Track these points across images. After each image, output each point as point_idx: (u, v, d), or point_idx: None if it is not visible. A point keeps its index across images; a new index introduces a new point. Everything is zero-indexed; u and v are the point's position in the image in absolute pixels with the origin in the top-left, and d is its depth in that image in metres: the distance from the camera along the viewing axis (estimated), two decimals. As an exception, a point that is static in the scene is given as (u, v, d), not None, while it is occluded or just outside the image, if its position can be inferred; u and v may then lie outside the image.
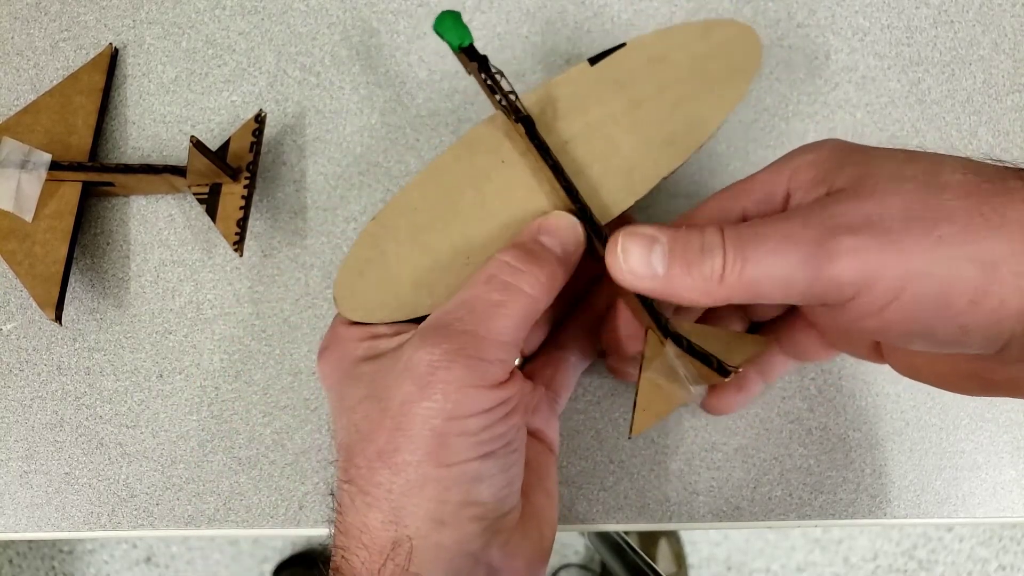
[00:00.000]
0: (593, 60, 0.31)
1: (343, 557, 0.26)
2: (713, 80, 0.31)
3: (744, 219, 0.28)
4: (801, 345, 0.32)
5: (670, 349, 0.28)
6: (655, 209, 0.37)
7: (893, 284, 0.22)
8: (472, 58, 0.29)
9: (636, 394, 0.29)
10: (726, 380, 0.28)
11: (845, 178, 0.24)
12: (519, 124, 0.30)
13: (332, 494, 0.28)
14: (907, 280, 0.22)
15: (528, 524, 0.28)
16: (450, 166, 0.31)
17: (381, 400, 0.26)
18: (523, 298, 0.26)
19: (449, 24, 0.28)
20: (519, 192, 0.30)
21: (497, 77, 0.29)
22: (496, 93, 0.29)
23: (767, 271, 0.23)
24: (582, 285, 0.33)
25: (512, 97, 0.30)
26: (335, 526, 0.27)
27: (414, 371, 0.25)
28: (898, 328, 0.23)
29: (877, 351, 0.30)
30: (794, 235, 0.23)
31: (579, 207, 0.29)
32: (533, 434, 0.31)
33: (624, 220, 0.29)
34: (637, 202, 0.30)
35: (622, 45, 0.32)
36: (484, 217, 0.30)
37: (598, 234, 0.28)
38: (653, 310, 0.28)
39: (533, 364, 0.33)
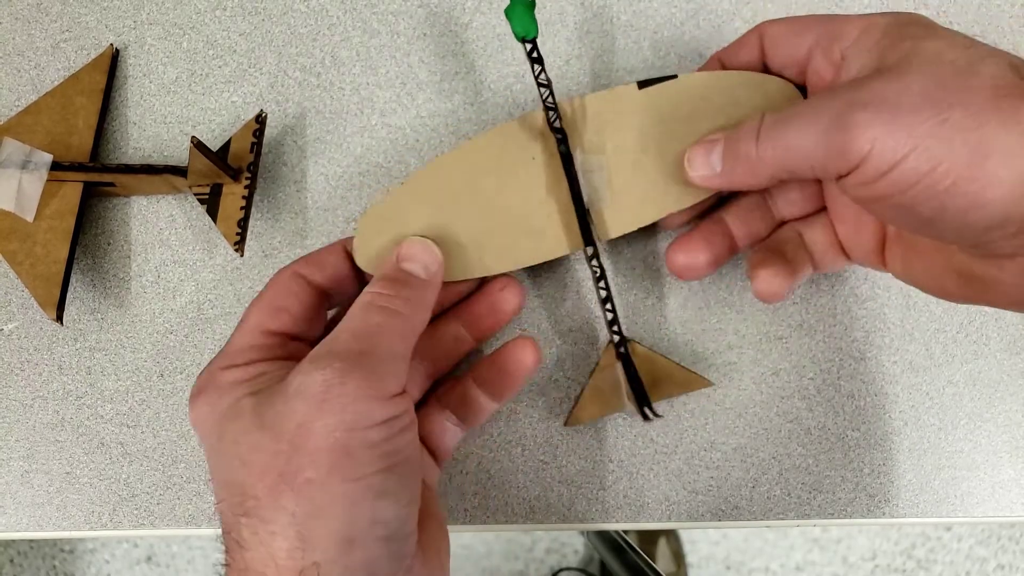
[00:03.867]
0: (642, 84, 0.32)
1: None
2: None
3: (808, 54, 0.30)
4: (820, 246, 0.33)
5: (618, 368, 0.33)
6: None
7: (891, 157, 0.24)
8: (534, 54, 0.30)
9: (580, 392, 0.34)
10: (644, 420, 0.34)
11: (896, 53, 0.26)
12: (553, 133, 0.31)
13: (220, 539, 0.26)
14: (904, 154, 0.24)
15: (428, 552, 0.28)
16: (482, 150, 0.32)
17: (272, 428, 0.25)
18: (399, 318, 0.28)
19: (519, 12, 0.29)
20: (536, 192, 0.32)
21: (546, 85, 0.31)
22: (544, 96, 0.31)
23: (795, 145, 0.26)
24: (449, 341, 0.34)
25: (553, 110, 0.31)
26: (230, 569, 0.26)
27: (307, 393, 0.25)
28: (887, 201, 0.25)
29: (880, 255, 0.31)
30: (819, 113, 0.26)
31: (582, 227, 0.32)
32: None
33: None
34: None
35: (673, 76, 0.32)
36: (497, 206, 0.32)
37: (593, 253, 0.32)
38: (618, 330, 0.33)
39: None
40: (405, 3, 0.39)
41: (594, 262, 0.32)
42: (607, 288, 0.33)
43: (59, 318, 0.34)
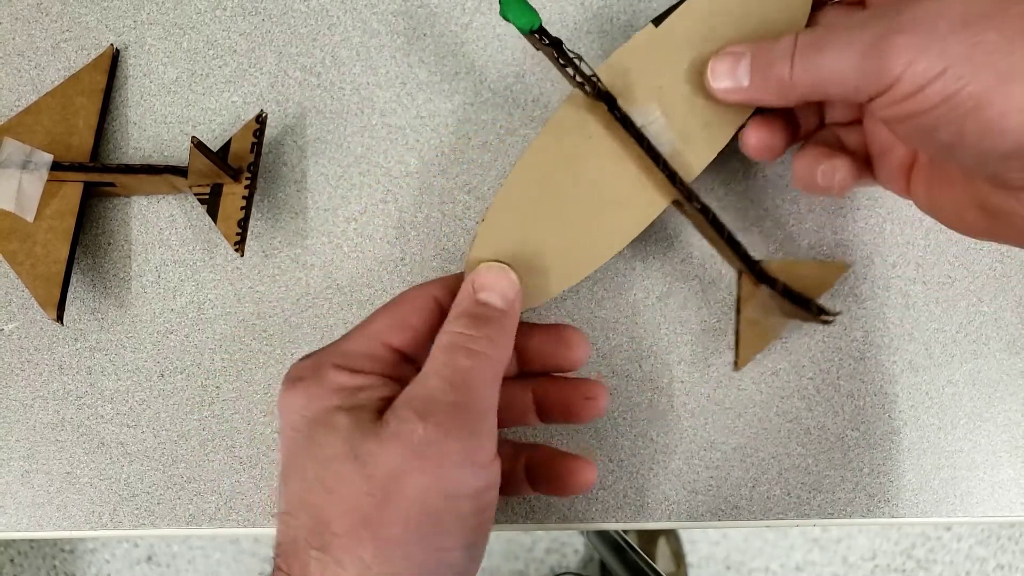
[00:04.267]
0: (656, 21, 0.32)
1: None
2: (771, 24, 0.31)
3: None
4: (855, 155, 0.32)
5: (764, 291, 0.32)
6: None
7: (921, 78, 0.24)
8: (546, 41, 0.29)
9: (737, 333, 0.34)
10: (824, 324, 0.33)
11: None
12: (600, 102, 0.31)
13: (275, 550, 0.25)
14: (934, 75, 0.24)
15: None
16: (541, 152, 0.32)
17: (364, 465, 0.24)
18: (485, 360, 0.26)
19: (516, 9, 0.28)
20: (609, 165, 0.32)
21: (576, 61, 0.30)
22: (574, 73, 0.30)
23: (831, 69, 0.26)
24: None
25: (594, 80, 0.30)
26: None
27: (405, 441, 0.24)
28: (910, 122, 0.25)
29: (906, 180, 0.31)
30: (856, 38, 0.25)
31: (667, 173, 0.31)
32: None
33: None
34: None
35: (681, 1, 0.32)
36: (582, 196, 0.31)
37: (688, 196, 0.31)
38: (746, 256, 0.32)
39: None
40: (405, 3, 0.39)
41: (694, 203, 0.31)
42: (719, 222, 0.32)
43: (59, 318, 0.34)
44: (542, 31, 0.29)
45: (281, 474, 0.27)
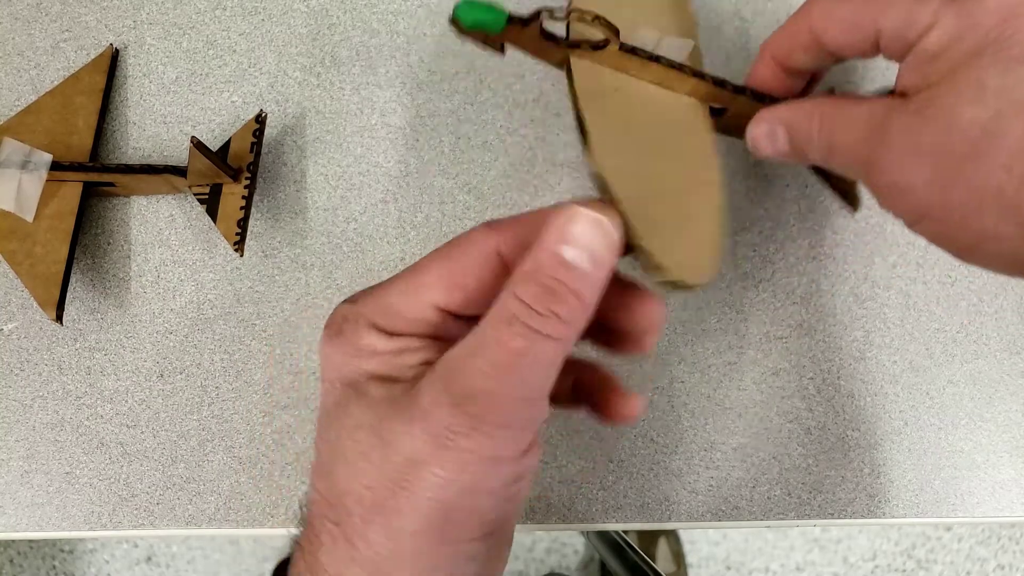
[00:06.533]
0: None
1: None
2: None
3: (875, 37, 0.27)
4: None
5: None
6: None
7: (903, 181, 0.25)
8: (525, 24, 0.27)
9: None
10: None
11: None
12: (603, 49, 0.29)
13: (303, 513, 0.25)
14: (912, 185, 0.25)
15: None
16: (603, 127, 0.29)
17: (385, 443, 0.23)
18: (547, 344, 0.22)
19: (477, 14, 0.26)
20: (656, 98, 0.30)
21: (564, 17, 0.27)
22: (565, 36, 0.28)
23: (841, 143, 0.27)
24: None
25: (600, 19, 0.27)
26: (302, 556, 0.24)
27: (429, 427, 0.22)
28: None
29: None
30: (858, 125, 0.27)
31: (697, 75, 0.29)
32: None
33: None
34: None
35: None
36: (658, 144, 0.29)
37: (723, 83, 0.30)
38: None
39: None
40: (405, 3, 0.39)
41: (728, 88, 0.30)
42: (759, 93, 0.30)
43: (59, 318, 0.34)
44: (513, 18, 0.26)
45: (317, 428, 0.26)
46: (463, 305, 0.25)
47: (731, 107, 0.31)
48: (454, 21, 0.26)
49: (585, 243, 0.22)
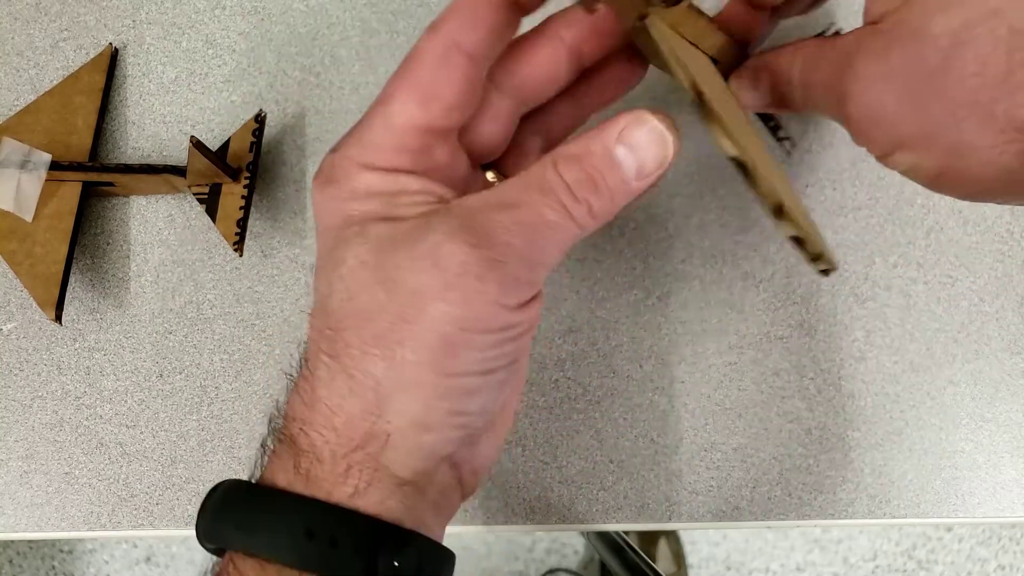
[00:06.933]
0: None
1: (302, 431, 0.24)
2: None
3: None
4: None
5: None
6: (656, 209, 0.37)
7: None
8: None
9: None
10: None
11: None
12: (647, 21, 0.25)
13: (301, 354, 0.25)
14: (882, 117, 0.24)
15: (495, 422, 0.27)
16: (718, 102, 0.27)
17: (388, 277, 0.23)
18: (572, 226, 0.23)
19: None
20: (708, 71, 0.28)
21: None
22: None
23: (816, 96, 0.27)
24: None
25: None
26: (297, 393, 0.24)
27: (440, 264, 0.22)
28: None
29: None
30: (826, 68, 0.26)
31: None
32: None
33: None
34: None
35: None
36: (743, 122, 0.27)
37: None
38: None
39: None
40: (405, 3, 0.39)
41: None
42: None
43: (58, 318, 0.34)
44: None
45: (315, 271, 0.26)
46: (445, 115, 0.24)
47: (720, 59, 0.30)
48: None
49: (641, 152, 0.23)
